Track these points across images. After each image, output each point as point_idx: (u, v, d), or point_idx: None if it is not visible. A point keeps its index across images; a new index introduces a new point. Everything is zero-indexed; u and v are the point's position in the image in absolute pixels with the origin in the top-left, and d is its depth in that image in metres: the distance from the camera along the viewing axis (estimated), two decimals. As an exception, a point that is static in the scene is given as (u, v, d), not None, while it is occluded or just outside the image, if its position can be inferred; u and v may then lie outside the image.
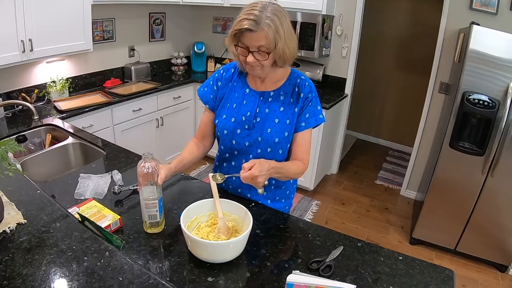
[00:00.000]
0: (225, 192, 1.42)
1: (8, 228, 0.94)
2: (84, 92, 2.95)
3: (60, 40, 2.48)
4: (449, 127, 2.31)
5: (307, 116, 1.26)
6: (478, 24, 2.18)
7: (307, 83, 1.27)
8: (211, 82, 1.37)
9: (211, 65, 3.93)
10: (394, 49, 4.24)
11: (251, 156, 1.31)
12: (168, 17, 3.71)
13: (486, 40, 2.09)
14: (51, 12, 2.36)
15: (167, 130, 3.34)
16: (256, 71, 1.19)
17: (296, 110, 1.26)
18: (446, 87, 2.88)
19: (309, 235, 1.21)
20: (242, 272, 1.02)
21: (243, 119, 1.28)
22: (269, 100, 1.27)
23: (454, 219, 2.49)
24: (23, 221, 0.98)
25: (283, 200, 1.44)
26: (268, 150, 1.28)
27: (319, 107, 1.29)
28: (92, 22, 2.67)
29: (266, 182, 1.22)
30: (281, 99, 1.27)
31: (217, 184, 1.21)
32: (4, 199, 1.06)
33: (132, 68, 3.32)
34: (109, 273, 0.82)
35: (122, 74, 3.38)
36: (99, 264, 0.85)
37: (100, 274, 0.82)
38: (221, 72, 1.37)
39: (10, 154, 1.53)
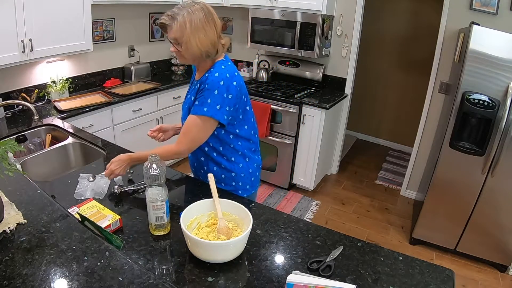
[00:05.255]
0: (225, 191, 1.42)
1: (8, 228, 0.94)
2: (84, 92, 2.95)
3: (60, 40, 2.48)
4: (449, 127, 2.31)
5: (196, 103, 1.35)
6: (478, 24, 2.17)
7: (207, 75, 1.34)
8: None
9: (211, 65, 3.92)
10: (394, 49, 4.23)
11: None
12: (168, 17, 3.71)
13: (486, 40, 2.09)
14: (51, 12, 2.36)
15: (167, 130, 3.33)
16: (180, 59, 1.36)
17: (192, 99, 1.40)
18: (446, 87, 2.88)
19: (309, 235, 1.21)
20: (242, 272, 1.02)
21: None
22: (192, 89, 1.46)
23: (454, 219, 2.49)
24: (23, 221, 0.98)
25: (233, 183, 1.52)
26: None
27: (209, 101, 1.30)
28: (92, 22, 2.67)
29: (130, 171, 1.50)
30: (195, 88, 1.40)
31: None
32: (4, 199, 1.06)
33: (132, 68, 3.32)
34: (109, 273, 0.82)
35: (122, 74, 3.38)
36: (99, 264, 0.85)
37: (100, 274, 0.81)
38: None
39: (10, 154, 1.53)
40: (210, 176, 1.24)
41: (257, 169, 1.59)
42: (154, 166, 1.09)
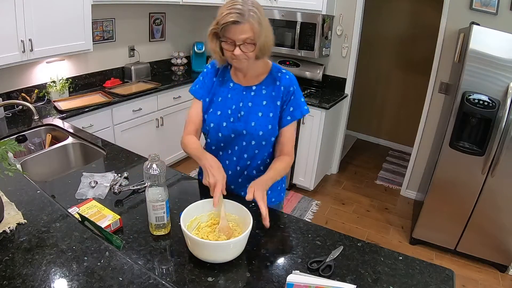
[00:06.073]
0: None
1: (8, 228, 0.94)
2: (84, 92, 2.95)
3: (60, 40, 2.48)
4: (449, 127, 2.31)
5: (291, 109, 1.30)
6: (478, 24, 2.18)
7: (287, 76, 1.32)
8: (201, 78, 1.40)
9: (211, 65, 3.92)
10: (394, 49, 4.24)
11: (236, 147, 1.35)
12: (168, 17, 3.71)
13: (486, 40, 2.09)
14: (51, 12, 2.36)
15: (167, 130, 3.34)
16: (243, 63, 1.22)
17: (278, 104, 1.30)
18: (446, 87, 2.88)
19: (309, 235, 1.21)
20: (242, 272, 1.02)
21: (229, 113, 1.32)
22: (252, 94, 1.32)
23: (454, 219, 2.49)
24: (23, 221, 0.98)
25: (278, 188, 1.49)
26: (252, 143, 1.33)
27: (302, 99, 1.34)
28: (92, 22, 2.67)
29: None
30: (263, 93, 1.31)
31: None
32: (4, 199, 1.06)
33: (132, 68, 3.32)
34: (109, 273, 0.82)
35: (122, 74, 3.38)
36: (99, 264, 0.85)
37: (100, 274, 0.81)
38: (209, 67, 1.40)
39: (10, 154, 1.53)
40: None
41: None
42: (154, 166, 1.09)
